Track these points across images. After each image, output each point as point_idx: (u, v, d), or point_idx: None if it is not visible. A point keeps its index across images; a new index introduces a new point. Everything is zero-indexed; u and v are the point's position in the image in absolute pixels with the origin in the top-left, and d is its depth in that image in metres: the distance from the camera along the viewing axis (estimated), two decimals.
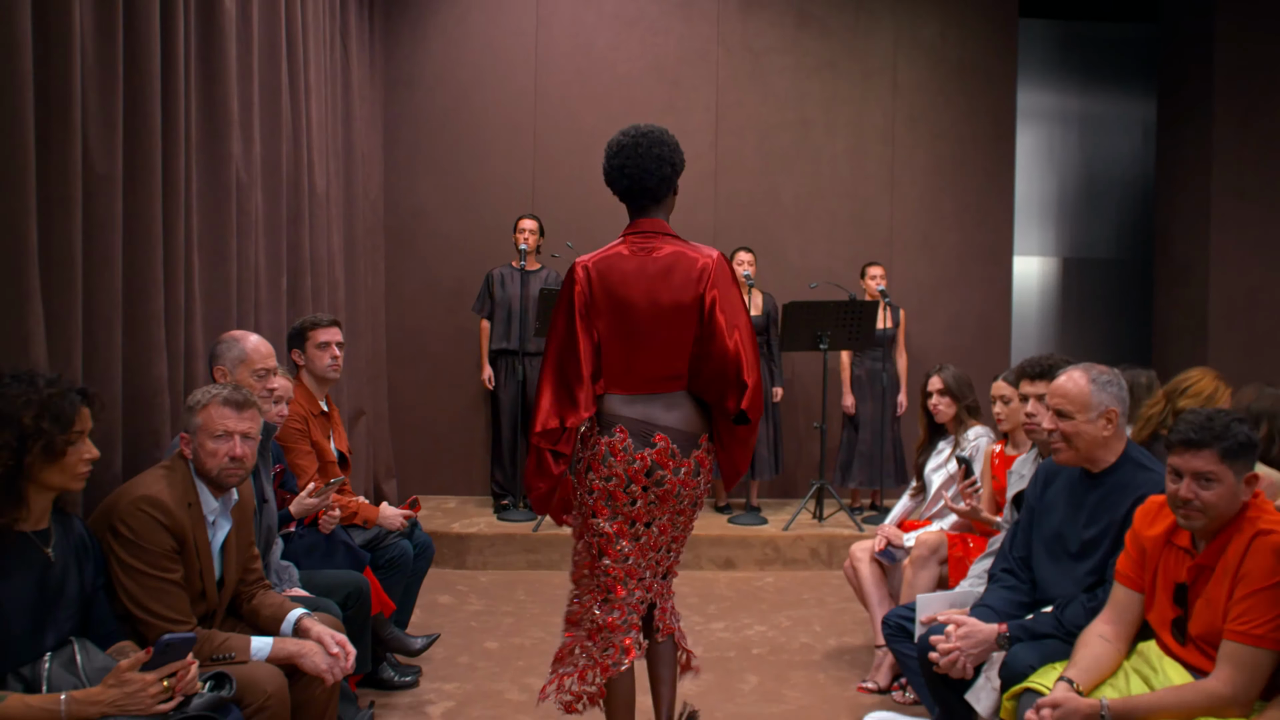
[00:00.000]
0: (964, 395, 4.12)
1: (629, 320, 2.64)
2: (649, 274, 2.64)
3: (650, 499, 2.62)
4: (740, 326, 2.67)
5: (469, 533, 5.67)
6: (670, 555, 2.78)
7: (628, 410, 2.63)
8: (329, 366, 3.92)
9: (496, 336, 6.22)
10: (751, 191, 6.86)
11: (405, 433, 6.70)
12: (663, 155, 2.69)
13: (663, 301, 2.64)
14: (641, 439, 2.60)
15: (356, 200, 5.80)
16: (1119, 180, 8.25)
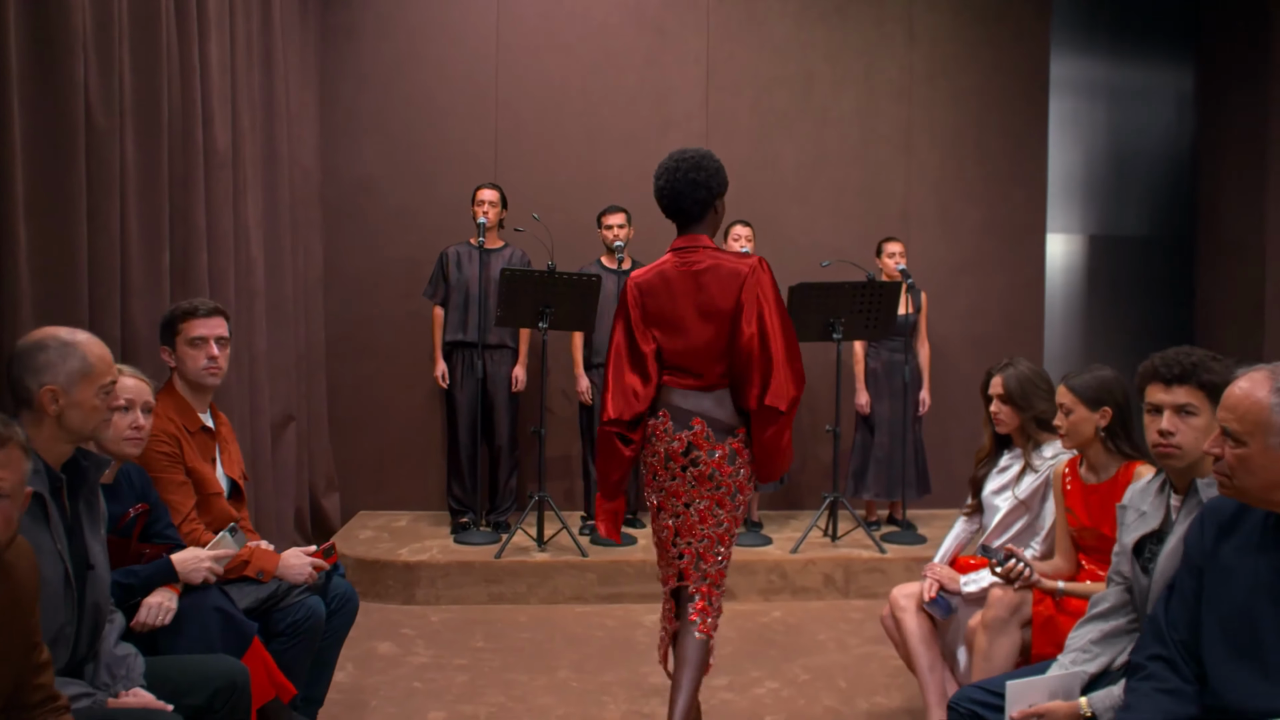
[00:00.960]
0: (1029, 404, 3.21)
1: (675, 326, 2.89)
2: (689, 284, 2.87)
3: (689, 478, 2.83)
4: (765, 329, 2.81)
5: (419, 560, 4.76)
6: (716, 554, 2.89)
7: (675, 400, 2.88)
8: (205, 370, 2.97)
9: (452, 326, 5.30)
10: (747, 157, 5.95)
11: (348, 439, 5.77)
12: (698, 180, 2.90)
13: (702, 308, 2.85)
14: (681, 422, 2.85)
15: (280, 164, 4.85)
16: (1151, 153, 7.58)
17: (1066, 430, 2.95)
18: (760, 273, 2.84)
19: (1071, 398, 2.93)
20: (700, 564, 2.88)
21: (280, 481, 4.82)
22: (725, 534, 2.90)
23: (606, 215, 5.35)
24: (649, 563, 4.81)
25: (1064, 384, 2.96)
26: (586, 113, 5.87)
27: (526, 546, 4.95)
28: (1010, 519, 3.20)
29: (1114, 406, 2.85)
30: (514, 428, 5.38)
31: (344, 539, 5.13)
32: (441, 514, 5.64)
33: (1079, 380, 2.92)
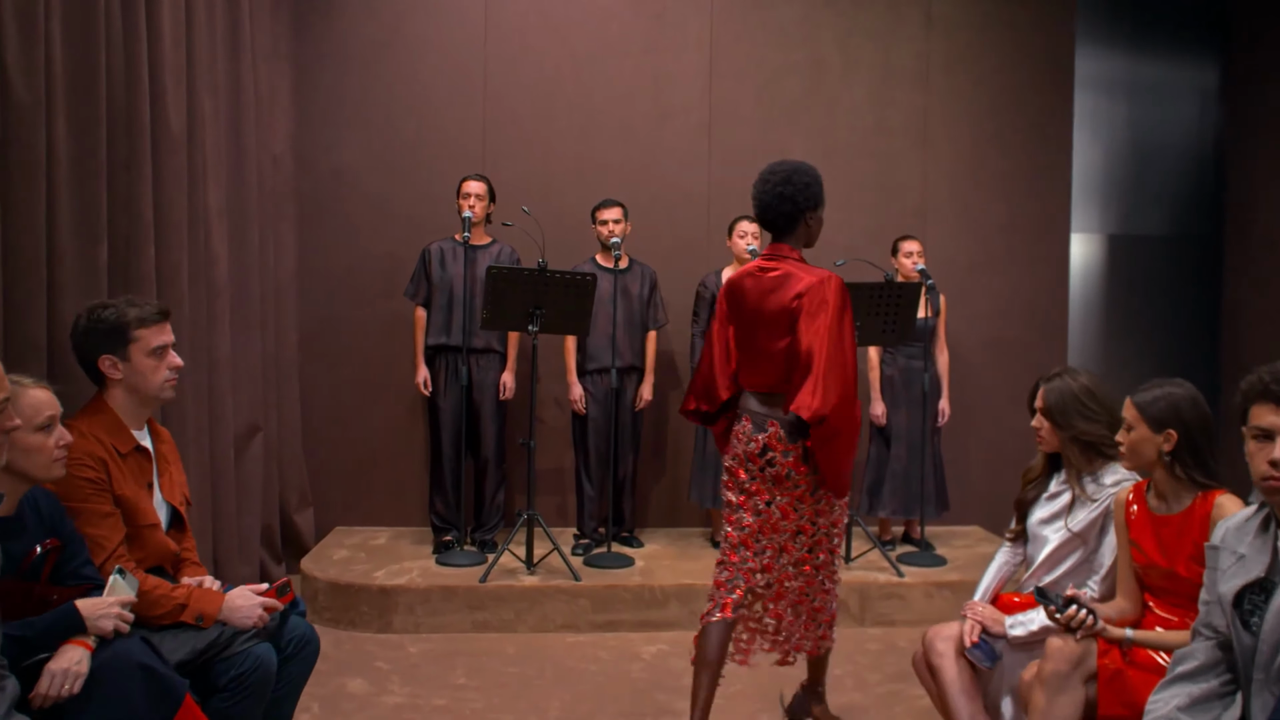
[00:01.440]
0: (1068, 423, 2.82)
1: (750, 330, 3.00)
2: (763, 291, 2.95)
3: (767, 478, 2.94)
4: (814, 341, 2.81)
5: (396, 585, 4.35)
6: (798, 545, 2.98)
7: (754, 404, 3.00)
8: (167, 383, 2.61)
9: (434, 328, 4.89)
10: (752, 148, 5.56)
11: (323, 450, 5.36)
12: (785, 194, 2.95)
13: (772, 316, 2.92)
14: (758, 425, 2.96)
15: (248, 151, 4.45)
16: (1173, 151, 7.29)
17: (1126, 449, 2.59)
18: (827, 287, 2.85)
19: (1134, 414, 2.56)
20: (782, 556, 2.99)
21: (245, 498, 4.42)
22: (807, 524, 2.98)
23: (601, 210, 4.95)
24: (646, 587, 4.42)
25: (1130, 398, 2.59)
26: (580, 100, 5.47)
27: (514, 569, 4.55)
28: (1061, 553, 2.81)
29: (1181, 429, 2.48)
30: (501, 439, 4.98)
31: (316, 559, 4.73)
32: (424, 530, 5.24)
33: (1145, 396, 2.55)
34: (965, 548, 5.19)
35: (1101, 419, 2.77)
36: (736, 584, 3.00)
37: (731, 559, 3.01)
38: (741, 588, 3.00)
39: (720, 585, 3.04)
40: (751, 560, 2.99)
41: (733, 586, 3.00)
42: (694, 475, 5.02)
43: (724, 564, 3.04)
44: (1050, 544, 2.83)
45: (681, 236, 5.51)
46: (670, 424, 5.51)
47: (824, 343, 2.79)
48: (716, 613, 3.01)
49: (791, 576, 3.01)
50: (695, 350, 5.02)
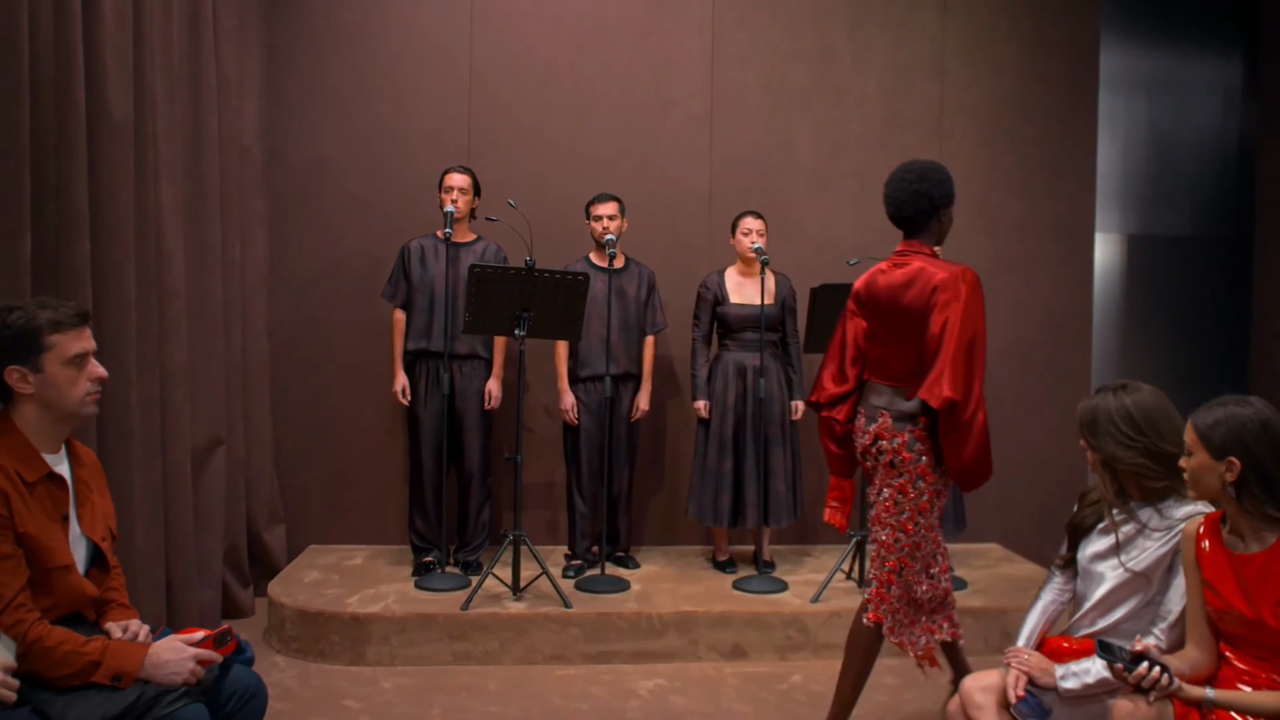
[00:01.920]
0: (1099, 444, 2.49)
1: (879, 323, 3.04)
2: (895, 285, 2.97)
3: (880, 468, 3.01)
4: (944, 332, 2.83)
5: (370, 613, 3.99)
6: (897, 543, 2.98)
7: (873, 396, 3.06)
8: (88, 397, 2.25)
9: (414, 332, 4.53)
10: (757, 141, 5.22)
11: (296, 463, 5.00)
12: (921, 190, 2.97)
13: (900, 310, 2.95)
14: (871, 416, 3.03)
15: (209, 141, 4.09)
16: (1195, 149, 7.06)
17: (1189, 476, 2.25)
18: (960, 282, 2.86)
19: (1193, 437, 2.22)
20: (882, 552, 3.03)
21: (205, 517, 4.05)
22: (908, 522, 2.98)
23: (596, 205, 4.59)
24: (643, 615, 4.06)
25: (1190, 419, 2.24)
26: (573, 88, 5.12)
27: (499, 594, 4.19)
28: (1119, 595, 2.45)
29: (1245, 457, 2.13)
30: (486, 451, 4.62)
31: (285, 582, 4.36)
32: (403, 549, 4.88)
33: (1206, 417, 2.20)
34: (984, 568, 4.83)
35: (1137, 446, 2.42)
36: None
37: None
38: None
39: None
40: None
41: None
42: (693, 489, 4.66)
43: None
44: (1106, 583, 2.47)
45: (681, 234, 5.15)
46: (668, 435, 5.15)
47: (955, 333, 2.82)
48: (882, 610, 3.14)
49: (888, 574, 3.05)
50: (696, 355, 4.67)
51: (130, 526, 3.36)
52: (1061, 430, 5.36)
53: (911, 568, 3.00)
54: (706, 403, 4.62)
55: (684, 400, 5.09)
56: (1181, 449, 2.35)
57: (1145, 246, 7.07)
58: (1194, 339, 6.48)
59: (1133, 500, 2.50)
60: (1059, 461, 5.36)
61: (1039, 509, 5.36)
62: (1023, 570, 4.80)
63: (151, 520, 3.51)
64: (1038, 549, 5.23)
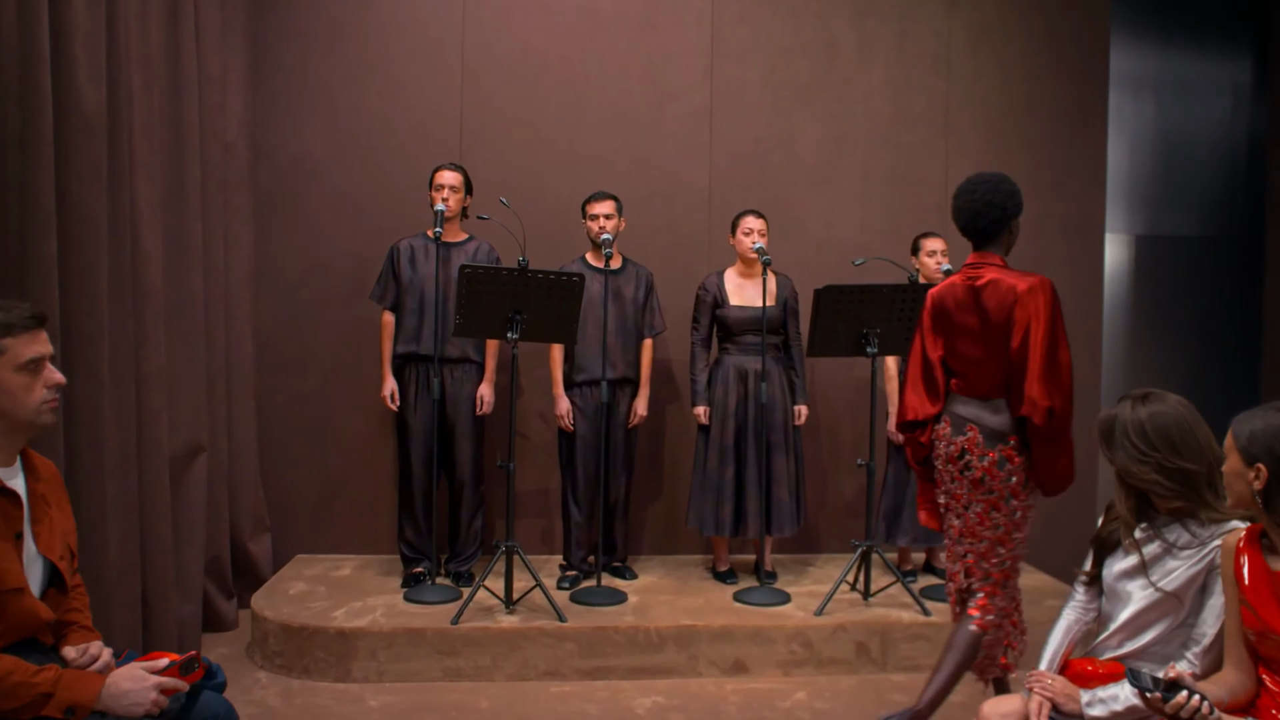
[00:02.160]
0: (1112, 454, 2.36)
1: (958, 337, 3.06)
2: (971, 298, 3.01)
3: (965, 482, 3.01)
4: (1028, 344, 2.86)
5: (356, 627, 3.83)
6: (997, 555, 3.00)
7: (958, 406, 3.07)
8: (44, 405, 2.10)
9: (404, 335, 4.38)
10: (758, 137, 5.07)
11: (283, 470, 4.84)
12: (993, 201, 2.99)
13: (979, 321, 2.99)
14: (958, 427, 3.05)
15: (189, 137, 3.93)
16: (1204, 149, 6.99)
17: (1226, 482, 2.11)
18: (1038, 291, 2.90)
19: (1230, 440, 2.08)
20: (982, 563, 3.03)
21: (185, 527, 3.89)
22: (1005, 536, 3.00)
23: (592, 203, 4.44)
24: (640, 629, 3.90)
25: (1234, 421, 2.10)
26: (569, 83, 4.96)
27: (491, 607, 4.03)
28: (1149, 618, 2.30)
29: (1273, 464, 1.98)
30: (478, 458, 4.46)
31: (269, 594, 4.20)
32: (393, 559, 4.72)
33: (1245, 421, 2.07)
34: None
35: (1149, 461, 2.27)
36: (949, 588, 3.13)
37: (949, 558, 3.14)
38: (952, 589, 3.11)
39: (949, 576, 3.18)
40: (957, 563, 3.09)
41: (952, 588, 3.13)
42: (693, 498, 4.50)
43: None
44: (1134, 604, 2.32)
45: (680, 234, 5.00)
46: (667, 442, 5.00)
47: (1041, 344, 2.86)
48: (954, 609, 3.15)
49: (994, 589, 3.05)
50: (695, 359, 4.51)
51: (103, 539, 3.21)
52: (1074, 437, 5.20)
53: (1012, 580, 3.06)
54: (706, 408, 4.46)
55: (683, 405, 4.94)
56: (1203, 466, 2.23)
57: (1153, 247, 6.96)
58: (1202, 340, 6.37)
59: (1159, 517, 2.35)
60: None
61: (1048, 517, 5.19)
62: (1033, 580, 4.65)
63: (126, 532, 3.35)
64: (1048, 558, 5.08)
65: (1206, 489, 2.27)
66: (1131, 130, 6.93)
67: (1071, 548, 5.20)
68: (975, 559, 3.05)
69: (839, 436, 5.10)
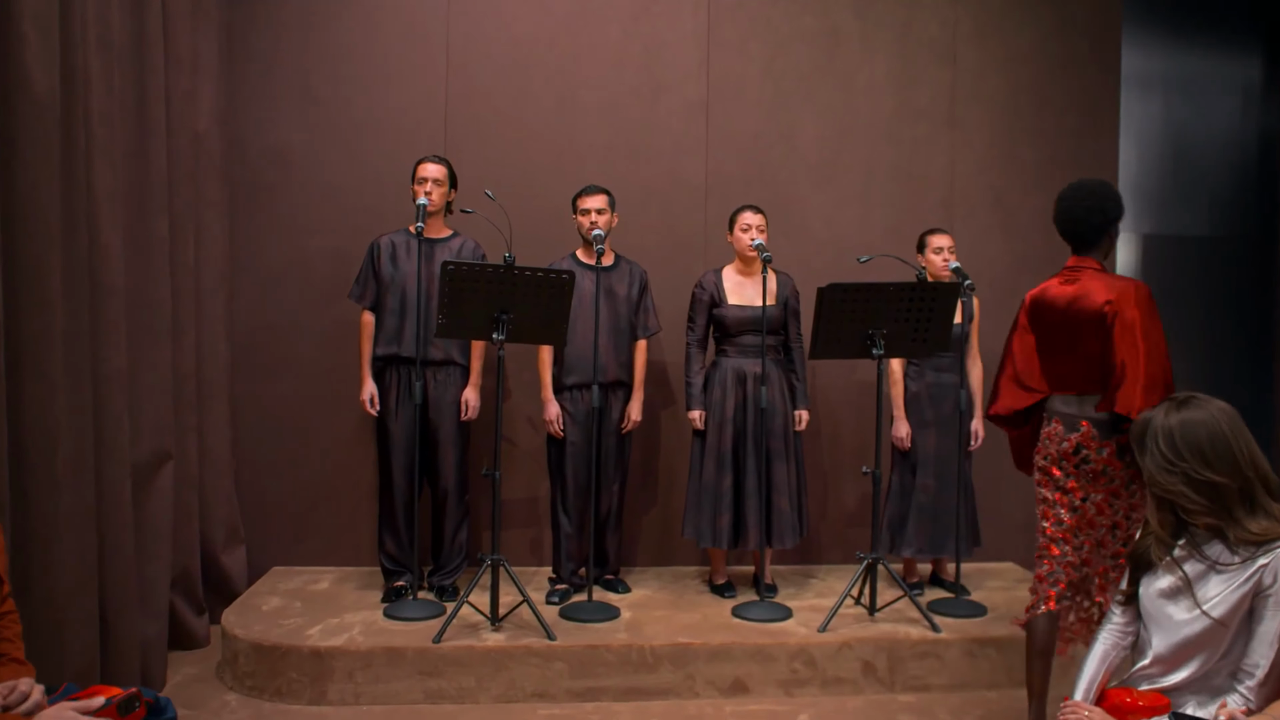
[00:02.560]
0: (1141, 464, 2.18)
1: (1056, 337, 3.20)
2: (1071, 299, 3.14)
3: (1083, 475, 3.11)
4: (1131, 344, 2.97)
5: (332, 646, 3.60)
6: (1114, 539, 3.09)
7: (1063, 406, 3.19)
8: None
9: (384, 336, 4.16)
10: (756, 131, 4.86)
11: (258, 478, 4.61)
12: (1091, 207, 3.14)
13: (1080, 322, 3.11)
14: (1070, 425, 3.15)
15: (155, 126, 3.70)
16: (1213, 147, 6.88)
17: None
18: (1137, 292, 3.03)
19: None
20: (1100, 550, 3.11)
21: (149, 540, 3.66)
22: (1122, 519, 3.07)
23: (583, 197, 4.22)
24: (634, 647, 3.68)
25: None
26: (558, 73, 4.75)
27: (475, 624, 3.81)
28: (1193, 645, 2.09)
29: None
30: (463, 466, 4.24)
31: (241, 611, 3.97)
32: (374, 571, 4.50)
33: None
34: (1003, 590, 4.47)
35: (1176, 471, 2.07)
36: (1058, 577, 3.14)
37: (1052, 552, 3.16)
38: (1064, 581, 3.13)
39: (1042, 579, 3.18)
40: (1071, 555, 3.13)
41: (1054, 580, 3.14)
42: (689, 508, 4.28)
43: (1043, 558, 3.19)
44: (1175, 629, 2.10)
45: (675, 230, 4.79)
46: (662, 448, 4.78)
47: (1139, 344, 2.97)
48: (1041, 605, 3.15)
49: (1110, 568, 3.10)
50: (691, 361, 4.29)
51: (55, 554, 2.98)
52: None
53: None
54: (702, 413, 4.25)
55: (678, 410, 4.72)
56: (1235, 480, 2.03)
57: (1162, 247, 6.82)
58: (1211, 341, 6.20)
59: (1199, 532, 2.14)
60: None
61: None
62: None
63: (82, 546, 3.12)
64: None
65: (1240, 505, 2.06)
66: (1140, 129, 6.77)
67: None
68: (1093, 545, 3.13)
69: (840, 442, 4.89)
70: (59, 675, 3.06)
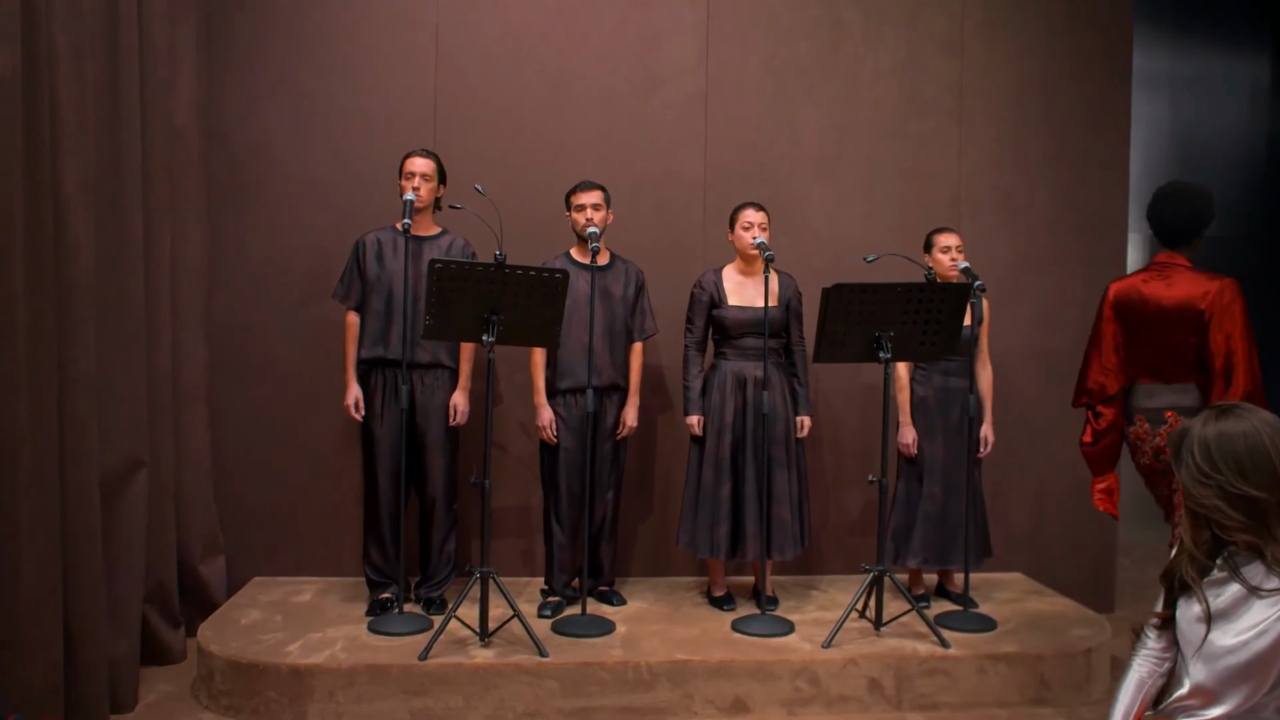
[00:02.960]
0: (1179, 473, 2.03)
1: (1144, 328, 3.51)
2: (1162, 293, 3.44)
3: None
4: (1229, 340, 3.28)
5: (312, 664, 3.42)
6: None
7: (1146, 400, 3.49)
8: None
9: (369, 338, 3.98)
10: (757, 125, 4.69)
11: (239, 486, 4.43)
12: (1180, 211, 3.48)
13: (1172, 315, 3.42)
14: (1155, 420, 3.42)
15: (128, 116, 3.53)
16: (1221, 147, 6.76)
17: None
18: (1230, 289, 3.30)
19: None
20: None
21: (122, 552, 3.48)
22: None
23: (577, 193, 4.05)
24: (629, 664, 3.51)
25: None
26: (551, 65, 4.58)
27: (464, 640, 3.63)
28: (1242, 676, 1.91)
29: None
30: (451, 474, 4.07)
31: (218, 625, 3.79)
32: (359, 581, 4.32)
33: None
34: (1012, 602, 4.31)
35: (1211, 484, 1.91)
36: None
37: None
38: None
39: None
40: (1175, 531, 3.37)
41: None
42: (685, 517, 4.11)
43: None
44: (1215, 659, 1.94)
45: (672, 230, 4.62)
46: (658, 455, 4.61)
47: (1238, 339, 3.21)
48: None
49: None
50: (689, 365, 4.13)
51: (14, 568, 2.80)
52: None
53: None
54: (700, 418, 4.08)
55: (676, 415, 4.55)
56: (1275, 496, 1.86)
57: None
58: None
59: (1239, 552, 1.97)
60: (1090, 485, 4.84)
61: (1069, 537, 4.85)
62: (1054, 605, 4.28)
63: (45, 558, 2.94)
64: (1069, 581, 4.72)
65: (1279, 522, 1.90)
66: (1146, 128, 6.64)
67: (1092, 568, 4.85)
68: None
69: (842, 448, 4.72)
70: (20, 698, 2.89)
